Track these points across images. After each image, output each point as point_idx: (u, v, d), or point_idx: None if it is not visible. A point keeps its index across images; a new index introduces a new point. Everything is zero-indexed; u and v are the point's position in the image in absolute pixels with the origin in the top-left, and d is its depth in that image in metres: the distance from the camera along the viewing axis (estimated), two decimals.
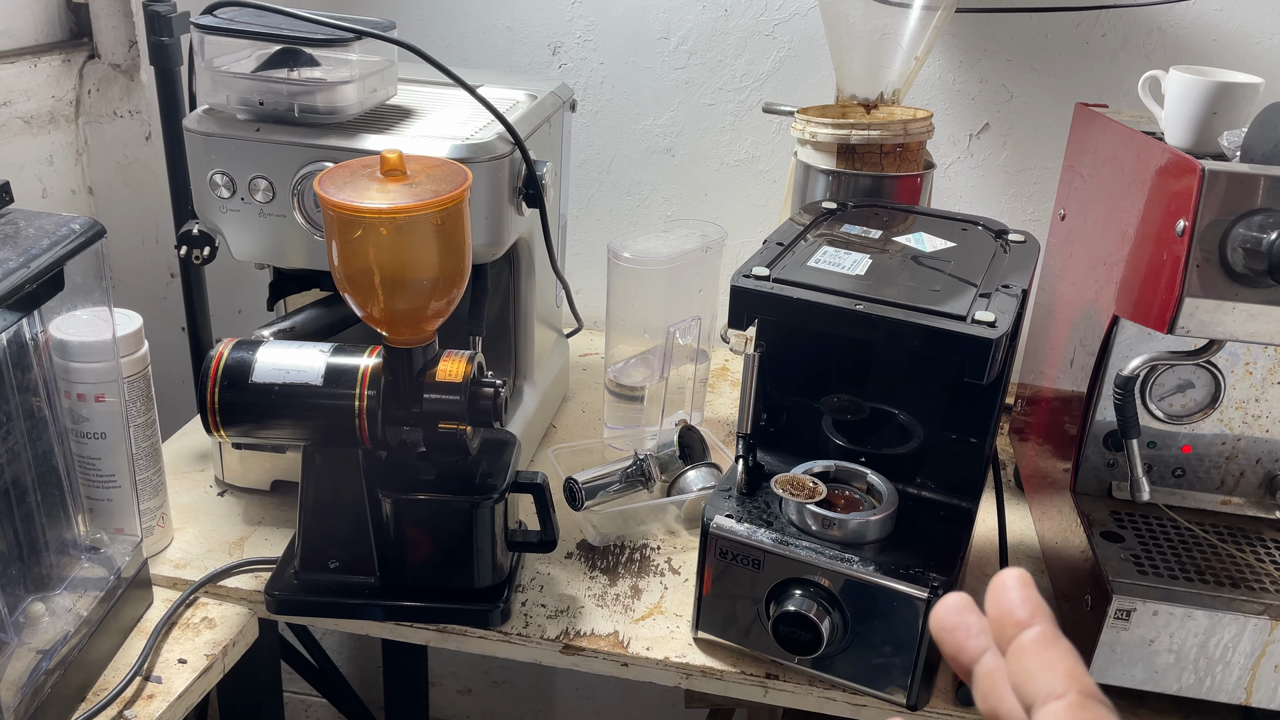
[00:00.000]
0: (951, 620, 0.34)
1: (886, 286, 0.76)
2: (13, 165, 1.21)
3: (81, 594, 0.76)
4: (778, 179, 1.31)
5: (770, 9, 1.24)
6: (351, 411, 0.76)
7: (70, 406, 0.78)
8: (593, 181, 1.37)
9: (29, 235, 0.67)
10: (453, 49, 1.32)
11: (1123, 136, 0.88)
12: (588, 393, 1.24)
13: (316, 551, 0.82)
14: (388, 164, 0.72)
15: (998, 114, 1.24)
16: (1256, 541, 0.82)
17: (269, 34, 0.84)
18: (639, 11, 1.27)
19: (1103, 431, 0.86)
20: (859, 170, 1.01)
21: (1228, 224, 0.68)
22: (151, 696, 0.75)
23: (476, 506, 0.80)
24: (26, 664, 0.69)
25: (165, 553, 0.89)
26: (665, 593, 0.88)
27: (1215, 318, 0.70)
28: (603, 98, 1.32)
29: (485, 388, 0.77)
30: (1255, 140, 0.74)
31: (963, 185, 1.28)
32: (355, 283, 0.73)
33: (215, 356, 0.77)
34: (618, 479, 0.96)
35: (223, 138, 0.84)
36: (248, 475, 0.98)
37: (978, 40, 1.21)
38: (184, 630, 0.82)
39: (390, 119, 0.90)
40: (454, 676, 1.76)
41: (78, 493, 0.79)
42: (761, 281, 0.77)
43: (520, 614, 0.84)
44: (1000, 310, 0.72)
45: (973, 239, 0.89)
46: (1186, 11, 1.15)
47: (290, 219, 0.85)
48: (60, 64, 1.26)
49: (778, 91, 1.28)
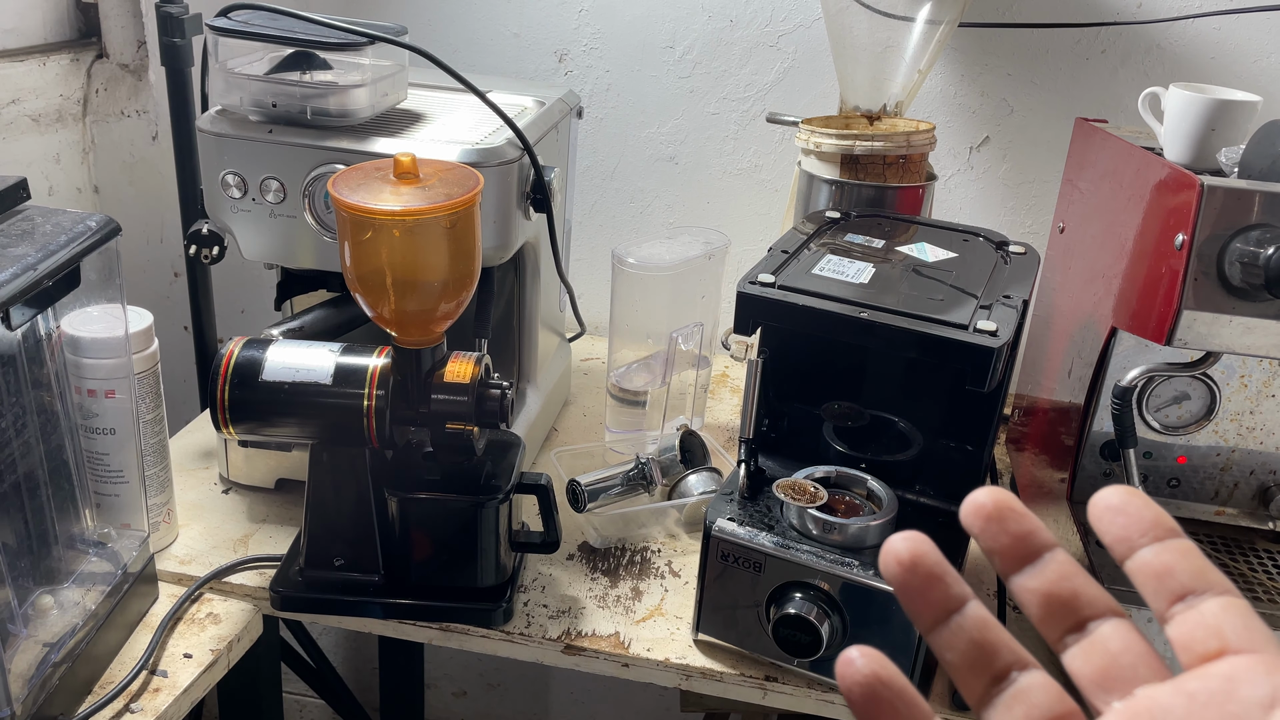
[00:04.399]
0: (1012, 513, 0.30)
1: (889, 295, 0.77)
2: (20, 163, 1.22)
3: (89, 588, 0.76)
4: (780, 188, 1.33)
5: (775, 20, 1.26)
6: (360, 411, 0.77)
7: (81, 402, 0.79)
8: (597, 188, 1.38)
9: (46, 232, 0.68)
10: (460, 54, 1.34)
11: (1122, 151, 0.89)
12: (589, 397, 1.25)
13: (321, 549, 0.83)
14: (401, 167, 0.73)
15: (998, 127, 1.25)
16: (1250, 552, 0.83)
17: (283, 37, 0.85)
18: (645, 21, 1.28)
19: (1099, 441, 0.87)
20: (862, 181, 1.03)
21: (1225, 238, 0.69)
22: (157, 690, 0.75)
23: (481, 507, 0.80)
24: (34, 656, 0.70)
25: (171, 548, 0.90)
26: (666, 595, 0.89)
27: (1212, 330, 0.71)
28: (608, 105, 1.33)
29: (492, 389, 0.78)
30: (1253, 157, 0.75)
31: (963, 197, 1.29)
32: (367, 284, 0.74)
33: (226, 354, 0.78)
34: (619, 482, 0.97)
35: (235, 138, 0.85)
36: (253, 473, 0.99)
37: (979, 54, 1.23)
38: (189, 625, 0.82)
39: (400, 122, 0.91)
40: (449, 679, 1.76)
41: (86, 488, 0.80)
42: (767, 288, 0.78)
43: (522, 614, 0.85)
44: (1001, 320, 0.73)
45: (974, 250, 0.90)
46: (1185, 29, 1.17)
47: (300, 220, 0.86)
48: (69, 63, 1.27)
49: (781, 102, 1.29)
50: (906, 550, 0.30)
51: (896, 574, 0.30)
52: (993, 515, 0.30)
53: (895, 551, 0.30)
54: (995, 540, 0.30)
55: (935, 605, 0.30)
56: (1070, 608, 0.30)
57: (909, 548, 0.30)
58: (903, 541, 0.30)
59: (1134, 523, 0.29)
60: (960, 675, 0.30)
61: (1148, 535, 0.29)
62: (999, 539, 0.30)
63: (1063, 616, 0.30)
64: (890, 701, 0.29)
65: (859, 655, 0.29)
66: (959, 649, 0.30)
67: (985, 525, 0.30)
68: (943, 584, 0.30)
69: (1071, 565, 0.30)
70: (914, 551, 0.30)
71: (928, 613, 0.30)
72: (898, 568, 0.30)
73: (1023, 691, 0.29)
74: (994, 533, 0.30)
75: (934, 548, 0.30)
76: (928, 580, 0.30)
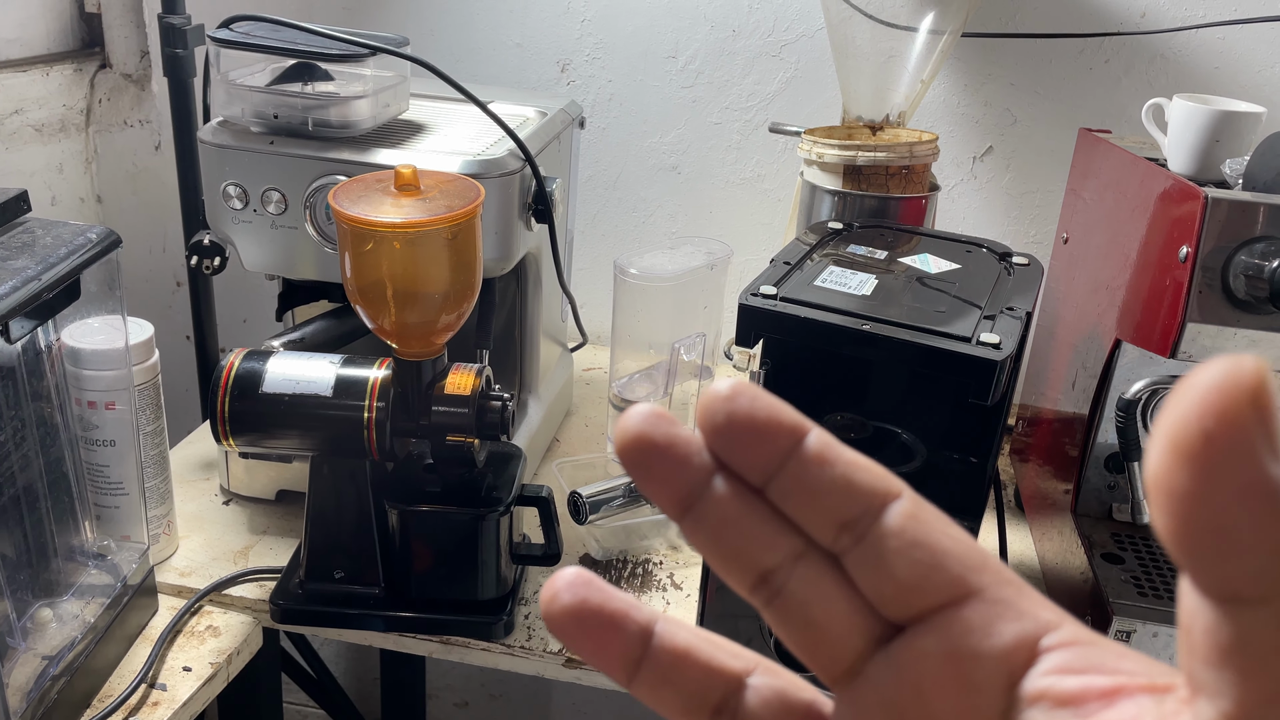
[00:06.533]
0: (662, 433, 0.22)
1: (892, 307, 0.77)
2: (23, 173, 1.22)
3: (88, 600, 0.76)
4: (782, 198, 1.32)
5: (778, 30, 1.26)
6: (360, 423, 0.77)
7: (81, 414, 0.78)
8: (598, 197, 1.38)
9: (46, 244, 0.68)
10: (463, 64, 1.34)
11: (1126, 162, 0.89)
12: (591, 407, 1.25)
13: (322, 561, 0.83)
14: (402, 179, 0.73)
15: (1001, 137, 1.25)
16: None
17: (284, 48, 0.85)
18: (647, 30, 1.28)
19: (1104, 453, 0.87)
20: (865, 191, 1.02)
21: (1230, 251, 0.69)
22: (156, 704, 0.75)
23: (482, 519, 0.80)
24: (33, 669, 0.69)
25: (171, 560, 0.90)
26: (667, 608, 0.88)
27: (1217, 343, 0.71)
28: (610, 115, 1.33)
29: (493, 401, 0.78)
30: (1257, 169, 0.75)
31: (965, 207, 1.29)
32: (367, 295, 0.74)
33: (226, 366, 0.78)
34: (621, 494, 0.96)
35: (237, 150, 0.85)
36: (253, 484, 0.99)
37: (982, 64, 1.22)
38: (189, 638, 0.82)
39: (402, 134, 0.91)
40: (451, 689, 1.75)
41: (86, 500, 0.80)
42: (769, 300, 0.77)
43: (524, 627, 0.85)
44: (1005, 332, 0.73)
45: (977, 261, 0.90)
46: (1189, 39, 1.17)
47: (302, 231, 0.86)
48: (72, 73, 1.27)
49: (784, 112, 1.29)
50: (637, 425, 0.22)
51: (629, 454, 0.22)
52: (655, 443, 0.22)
53: (629, 428, 0.22)
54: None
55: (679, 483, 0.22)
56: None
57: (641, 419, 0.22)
58: (636, 415, 0.22)
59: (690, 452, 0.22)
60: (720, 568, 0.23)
61: None
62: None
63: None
64: (670, 445, 0.22)
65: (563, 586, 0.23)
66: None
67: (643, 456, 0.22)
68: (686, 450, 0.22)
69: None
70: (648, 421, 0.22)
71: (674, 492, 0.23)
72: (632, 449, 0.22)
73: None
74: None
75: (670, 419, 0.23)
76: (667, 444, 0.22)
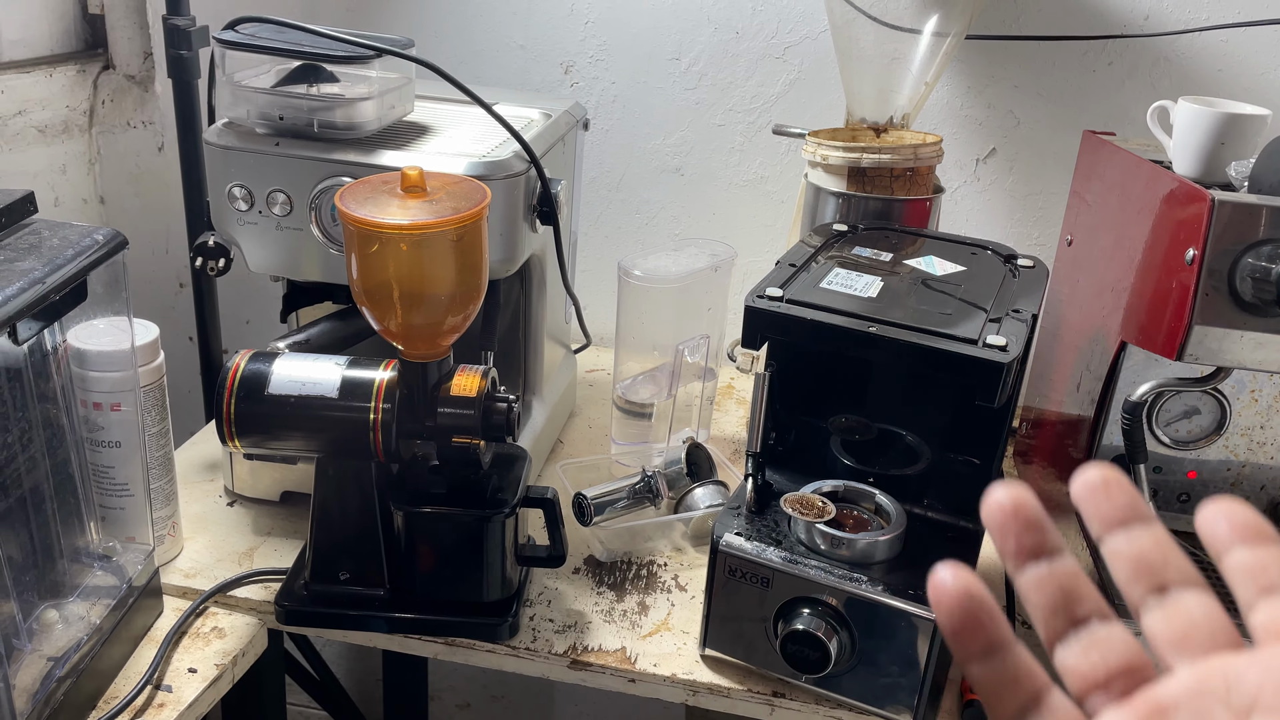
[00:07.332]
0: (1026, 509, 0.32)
1: (898, 309, 0.77)
2: (26, 174, 1.22)
3: (94, 602, 0.76)
4: (785, 200, 1.32)
5: (781, 32, 1.26)
6: (366, 424, 0.77)
7: (86, 415, 0.78)
8: (602, 199, 1.38)
9: (53, 245, 0.68)
10: (467, 66, 1.34)
11: (1131, 164, 0.89)
12: (595, 409, 1.25)
13: (327, 563, 0.83)
14: (408, 180, 0.73)
15: (1005, 139, 1.25)
16: None
17: (289, 50, 0.85)
18: (651, 32, 1.28)
19: (1109, 455, 0.87)
20: (869, 193, 1.02)
21: (1236, 253, 0.69)
22: (162, 705, 0.75)
23: (487, 521, 0.80)
24: (39, 671, 0.69)
25: (175, 562, 0.90)
26: (672, 609, 0.88)
27: (1223, 345, 0.71)
28: (614, 116, 1.33)
29: (499, 402, 0.78)
30: (1263, 171, 0.75)
31: (969, 209, 1.29)
32: (373, 297, 0.74)
33: (232, 368, 0.78)
34: (626, 495, 0.96)
35: (242, 151, 0.85)
36: (257, 486, 0.99)
37: (986, 66, 1.22)
38: (194, 639, 0.82)
39: (407, 135, 0.91)
40: (453, 690, 1.75)
41: (92, 501, 0.80)
42: (775, 302, 0.77)
43: (528, 628, 0.85)
44: (1011, 335, 0.73)
45: (982, 263, 0.90)
46: (1193, 42, 1.17)
47: (307, 232, 0.86)
48: (75, 74, 1.28)
49: (787, 114, 1.29)
50: (1009, 498, 0.32)
51: (997, 518, 0.32)
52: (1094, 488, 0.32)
53: (998, 500, 0.32)
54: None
55: (1028, 548, 0.32)
56: (1157, 571, 0.31)
57: (1011, 495, 0.32)
58: (1004, 490, 0.32)
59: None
60: (1042, 615, 0.32)
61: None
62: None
63: (1149, 577, 0.31)
64: (978, 617, 0.31)
65: (950, 574, 0.31)
66: (1048, 590, 0.32)
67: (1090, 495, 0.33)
68: (1041, 530, 0.32)
69: (1166, 536, 0.32)
70: (1016, 499, 0.32)
71: (1021, 553, 0.32)
72: (1000, 514, 0.32)
73: (1102, 639, 0.31)
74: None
75: (1034, 497, 0.33)
76: (1027, 525, 0.32)
